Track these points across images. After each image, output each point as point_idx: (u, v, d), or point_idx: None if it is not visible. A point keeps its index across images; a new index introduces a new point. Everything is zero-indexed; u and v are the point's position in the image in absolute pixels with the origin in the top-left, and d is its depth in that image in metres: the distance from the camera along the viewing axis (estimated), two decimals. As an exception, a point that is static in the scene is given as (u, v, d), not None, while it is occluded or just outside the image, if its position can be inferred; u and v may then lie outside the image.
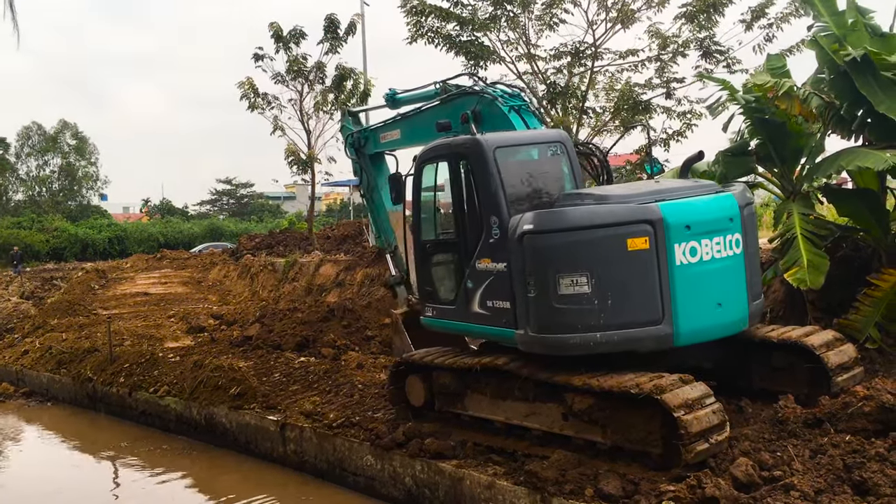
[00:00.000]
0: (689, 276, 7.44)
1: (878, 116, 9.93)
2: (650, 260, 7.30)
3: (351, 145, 12.96)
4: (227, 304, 23.78)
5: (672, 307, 7.34)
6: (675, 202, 7.60)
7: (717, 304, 7.67)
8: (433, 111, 10.80)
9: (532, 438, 8.16)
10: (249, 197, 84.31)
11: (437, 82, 11.35)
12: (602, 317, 7.30)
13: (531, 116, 9.70)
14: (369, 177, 12.89)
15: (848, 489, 6.23)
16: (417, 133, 11.48)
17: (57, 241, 55.45)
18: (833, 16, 10.77)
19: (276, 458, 10.87)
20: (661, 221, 7.31)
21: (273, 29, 27.20)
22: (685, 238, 7.41)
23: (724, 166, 11.36)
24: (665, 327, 7.35)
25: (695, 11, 18.79)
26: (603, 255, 7.32)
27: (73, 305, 23.14)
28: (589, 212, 7.46)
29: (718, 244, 7.67)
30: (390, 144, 12.19)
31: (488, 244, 8.16)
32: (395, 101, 12.69)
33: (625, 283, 7.31)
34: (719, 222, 7.75)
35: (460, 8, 19.46)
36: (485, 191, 8.22)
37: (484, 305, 8.29)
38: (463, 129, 9.80)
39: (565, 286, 7.36)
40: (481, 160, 8.26)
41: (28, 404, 16.65)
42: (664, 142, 20.49)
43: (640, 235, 7.28)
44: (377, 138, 12.40)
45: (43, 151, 72.38)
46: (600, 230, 7.34)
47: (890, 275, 9.65)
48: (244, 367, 13.03)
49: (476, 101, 9.87)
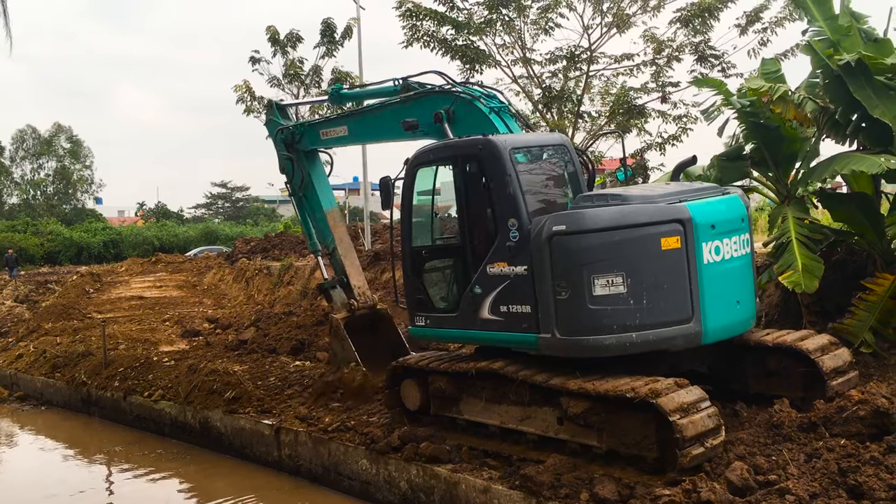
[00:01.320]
0: (715, 274, 7.55)
1: (872, 121, 9.95)
2: (682, 259, 7.38)
3: (282, 140, 12.43)
4: (222, 307, 23.73)
5: (700, 305, 7.42)
6: (700, 202, 7.71)
7: (736, 301, 7.82)
8: (394, 109, 10.41)
9: (527, 443, 8.15)
10: (245, 200, 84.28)
11: (397, 79, 10.91)
12: (638, 317, 7.31)
13: (511, 119, 9.47)
14: (303, 174, 12.37)
15: (843, 493, 6.24)
16: (370, 131, 11.13)
17: (52, 245, 55.34)
18: (827, 20, 10.80)
19: (271, 462, 10.85)
20: (691, 221, 7.39)
21: (270, 33, 27.24)
22: (711, 237, 7.54)
23: (720, 170, 11.38)
24: (695, 325, 7.44)
25: (690, 16, 18.84)
26: (638, 255, 7.34)
27: (67, 309, 23.05)
28: (622, 212, 7.45)
29: (736, 243, 7.85)
30: (334, 142, 11.74)
31: (505, 247, 7.98)
32: (340, 96, 12.25)
33: (659, 283, 7.35)
34: (735, 221, 7.94)
35: (456, 12, 19.49)
36: (501, 193, 8.03)
37: (497, 311, 8.13)
38: (431, 128, 9.58)
39: (601, 287, 7.32)
40: (497, 162, 8.08)
41: (22, 408, 16.59)
42: (660, 146, 20.53)
43: (672, 235, 7.35)
44: (316, 134, 11.93)
45: (37, 155, 72.25)
46: (635, 230, 7.36)
47: (885, 279, 9.67)
48: (239, 371, 13.01)
49: (451, 100, 9.55)
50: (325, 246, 12.68)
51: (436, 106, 9.61)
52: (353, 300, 12.30)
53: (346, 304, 12.32)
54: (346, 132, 11.45)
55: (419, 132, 9.86)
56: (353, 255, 12.74)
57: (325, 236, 12.58)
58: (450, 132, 9.32)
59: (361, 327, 12.22)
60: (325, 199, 12.57)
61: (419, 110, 9.88)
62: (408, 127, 9.69)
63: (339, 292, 12.52)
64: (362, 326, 12.25)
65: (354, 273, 12.57)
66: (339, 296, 12.50)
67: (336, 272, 12.65)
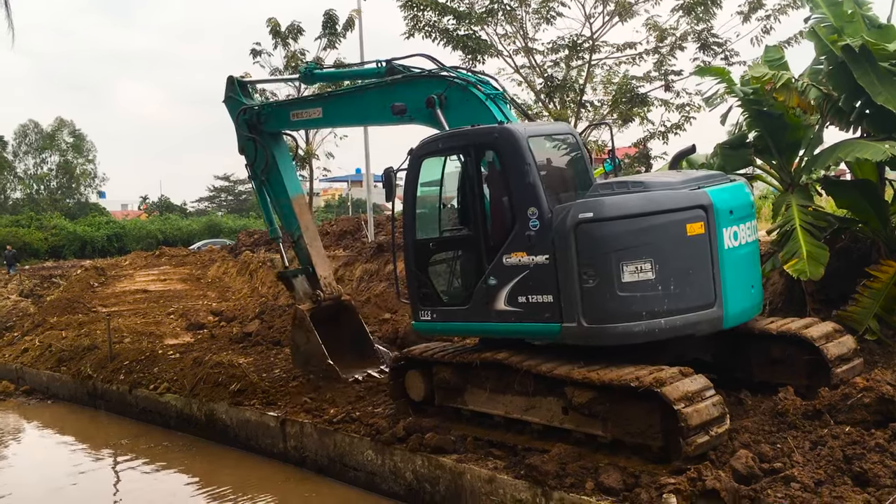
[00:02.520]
0: (734, 259, 7.64)
1: (876, 107, 9.91)
2: (706, 244, 7.44)
3: (244, 121, 11.88)
4: (226, 300, 23.77)
5: (722, 290, 7.49)
6: (717, 188, 7.77)
7: (751, 286, 7.95)
8: (379, 92, 10.09)
9: (532, 432, 8.16)
10: (248, 193, 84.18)
11: (380, 61, 10.61)
12: (666, 302, 7.35)
13: (507, 106, 9.33)
14: (267, 157, 11.85)
15: (848, 480, 6.25)
16: (350, 113, 10.77)
17: (55, 239, 55.41)
18: (831, 7, 10.74)
19: (277, 454, 10.88)
20: (712, 206, 7.45)
21: (271, 25, 27.17)
22: (730, 223, 7.63)
23: (723, 159, 11.35)
24: (717, 310, 7.51)
25: (692, 4, 18.75)
26: (666, 241, 7.37)
27: (72, 303, 23.12)
28: (648, 198, 7.46)
29: (749, 229, 7.96)
30: (305, 124, 11.27)
31: (524, 237, 7.86)
32: (313, 75, 11.80)
33: (685, 268, 7.41)
34: (747, 208, 8.05)
35: (457, 2, 19.43)
36: (520, 182, 7.92)
37: (514, 302, 8.04)
38: (420, 114, 9.38)
39: (629, 273, 7.32)
40: (516, 150, 7.97)
41: (28, 402, 16.65)
42: (663, 135, 20.49)
43: (697, 220, 7.40)
44: (286, 115, 11.48)
45: (40, 149, 72.36)
46: (663, 216, 7.39)
47: (889, 266, 9.65)
48: (244, 364, 13.04)
49: (444, 85, 9.32)
50: (289, 234, 12.28)
51: (427, 90, 9.36)
52: (318, 291, 11.99)
53: (310, 295, 12.01)
54: (321, 114, 11.05)
55: (406, 117, 9.64)
56: (318, 244, 12.42)
57: (289, 224, 12.16)
58: (442, 118, 9.16)
59: (326, 318, 12.00)
60: (291, 184, 12.14)
61: (409, 94, 9.63)
62: (396, 111, 9.44)
63: (301, 281, 12.16)
64: (327, 318, 12.03)
65: (320, 263, 12.26)
66: (301, 285, 12.16)
67: (301, 262, 12.30)
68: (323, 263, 12.40)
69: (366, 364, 11.94)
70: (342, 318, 12.38)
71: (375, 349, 12.30)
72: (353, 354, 12.14)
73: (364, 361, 12.03)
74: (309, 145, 27.74)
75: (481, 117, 8.83)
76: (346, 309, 12.47)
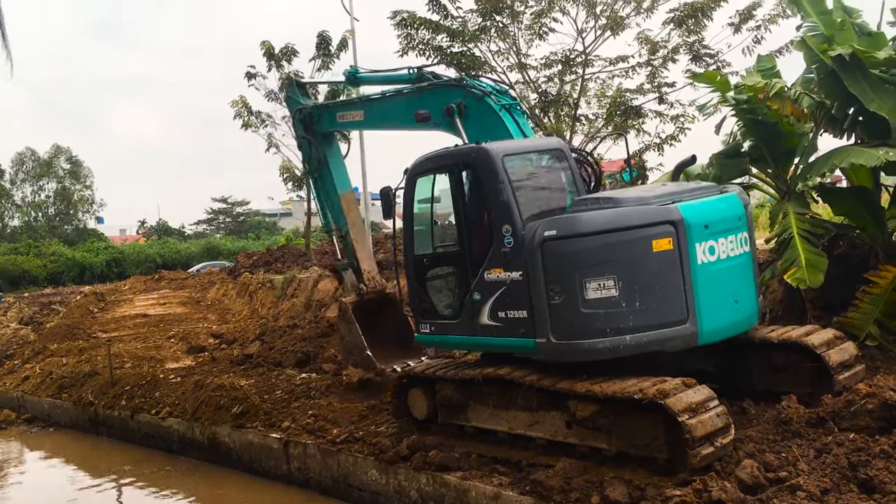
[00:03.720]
0: (710, 274, 7.55)
1: (868, 114, 9.97)
2: (674, 260, 7.38)
3: (300, 121, 12.43)
4: (226, 322, 23.73)
5: (696, 306, 7.42)
6: (692, 203, 7.71)
7: (734, 301, 7.81)
8: (407, 98, 10.40)
9: (536, 448, 8.14)
10: (246, 215, 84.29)
11: (412, 68, 10.92)
12: (631, 319, 7.33)
13: (522, 116, 9.50)
14: (319, 155, 12.37)
15: (854, 487, 6.23)
16: (384, 117, 11.11)
17: (54, 266, 55.33)
18: (821, 16, 10.82)
19: (281, 475, 10.84)
20: (682, 222, 7.40)
21: (265, 47, 27.28)
22: (704, 237, 7.54)
23: (719, 168, 11.40)
24: (690, 326, 7.43)
25: (683, 16, 18.85)
26: (629, 258, 7.36)
27: (72, 329, 23.07)
28: (613, 215, 7.48)
29: (732, 242, 7.84)
30: (350, 125, 11.74)
31: (500, 253, 8.05)
32: (356, 79, 12.24)
33: (651, 285, 7.37)
34: (731, 220, 7.93)
35: (450, 20, 19.55)
36: (495, 200, 8.11)
37: (495, 317, 8.18)
38: (443, 121, 9.58)
39: (592, 290, 7.35)
40: (490, 169, 8.14)
41: (30, 430, 16.60)
42: (658, 146, 20.53)
43: (664, 236, 7.36)
44: (334, 117, 11.93)
45: (38, 177, 72.33)
46: (626, 233, 7.38)
47: (888, 271, 9.67)
48: (246, 386, 13.01)
49: (463, 94, 9.53)
50: (338, 228, 12.69)
51: (448, 99, 9.60)
52: (362, 284, 12.35)
53: (355, 288, 12.34)
54: (362, 117, 11.49)
55: (430, 124, 9.88)
56: (364, 240, 12.88)
57: (338, 219, 12.60)
58: (461, 127, 9.37)
59: (370, 311, 12.29)
60: (340, 181, 12.58)
61: (432, 101, 9.91)
62: (420, 118, 9.69)
63: (350, 275, 12.55)
64: (371, 310, 12.32)
65: (365, 258, 12.64)
66: (350, 278, 12.53)
67: (347, 255, 12.67)
68: (367, 258, 12.80)
69: (407, 355, 12.06)
70: (386, 311, 12.59)
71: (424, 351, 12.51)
72: (395, 346, 12.29)
73: (405, 353, 12.15)
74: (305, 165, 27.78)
75: (495, 128, 9.05)
76: (391, 302, 12.65)
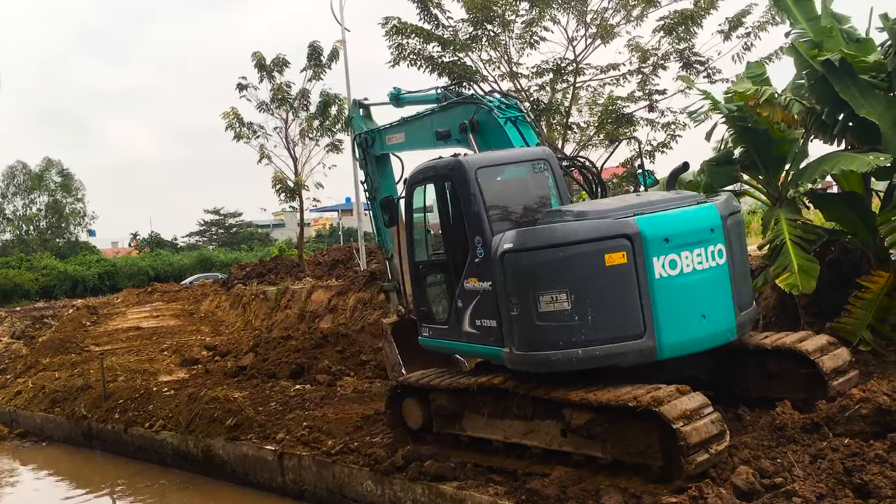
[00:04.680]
0: (670, 288, 7.46)
1: (858, 120, 10.01)
2: (629, 274, 7.34)
3: (359, 145, 12.77)
4: (220, 334, 23.67)
5: (654, 320, 7.37)
6: (652, 216, 7.62)
7: (700, 315, 7.67)
8: (433, 118, 10.75)
9: (532, 456, 8.12)
10: (238, 226, 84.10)
11: (439, 88, 11.32)
12: (583, 332, 7.35)
13: (528, 128, 9.64)
14: (373, 179, 12.70)
15: (849, 493, 6.23)
16: (418, 138, 11.38)
17: (46, 280, 55.08)
18: (810, 22, 10.87)
19: (276, 488, 10.79)
20: (639, 235, 7.36)
21: (256, 59, 27.29)
22: (664, 251, 7.44)
23: (710, 176, 11.42)
24: (647, 341, 7.39)
25: (673, 24, 18.96)
26: (581, 272, 7.38)
27: (64, 343, 22.96)
28: (566, 229, 7.51)
29: (700, 255, 7.66)
30: (396, 147, 11.99)
31: (474, 264, 8.26)
32: (399, 99, 12.52)
33: (604, 299, 7.35)
34: (699, 233, 7.74)
35: (441, 29, 19.60)
36: (468, 211, 8.32)
37: (474, 324, 8.38)
38: (461, 138, 9.88)
39: (545, 303, 7.43)
40: (464, 181, 8.36)
41: (23, 445, 16.49)
42: (649, 154, 20.61)
43: (617, 250, 7.32)
44: (384, 140, 12.22)
45: (29, 190, 72.06)
46: (578, 246, 7.38)
47: (879, 276, 9.70)
48: (239, 398, 12.96)
49: (474, 109, 9.82)
50: (385, 251, 12.97)
51: (462, 116, 9.90)
52: (400, 307, 12.56)
53: (396, 309, 12.61)
54: (403, 138, 11.74)
55: (452, 140, 10.16)
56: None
57: (386, 242, 12.87)
58: (473, 142, 9.62)
59: (410, 331, 12.43)
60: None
61: (451, 120, 10.20)
62: (441, 136, 10.02)
63: (394, 296, 12.83)
64: (411, 331, 12.46)
65: (409, 282, 12.75)
66: (394, 299, 12.82)
67: (392, 277, 12.92)
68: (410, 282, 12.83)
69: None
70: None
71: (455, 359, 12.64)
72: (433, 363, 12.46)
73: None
74: (298, 176, 27.75)
75: (501, 139, 9.28)
76: None
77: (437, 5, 19.38)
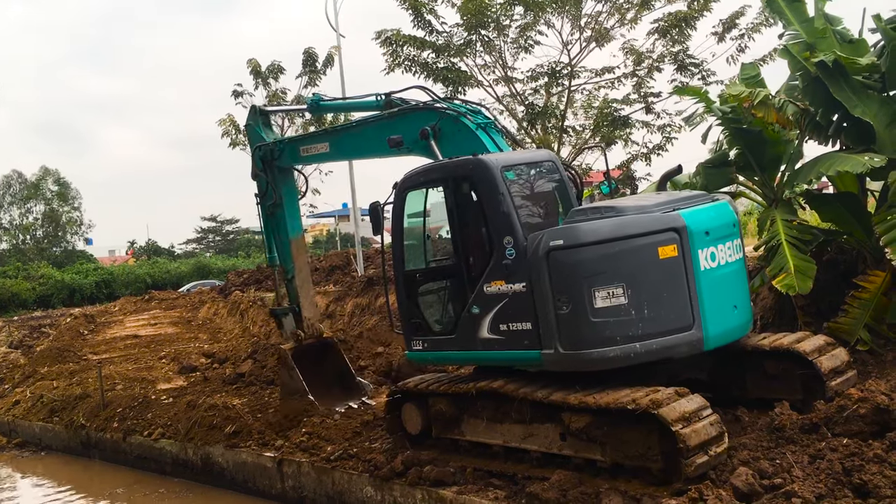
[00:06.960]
0: (712, 280, 7.61)
1: (853, 120, 10.05)
2: (679, 267, 7.43)
3: (259, 157, 11.94)
4: (218, 341, 23.62)
5: (700, 312, 7.47)
6: (692, 210, 7.77)
7: (733, 306, 7.88)
8: (378, 125, 10.29)
9: (531, 460, 8.12)
10: (235, 233, 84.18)
11: (379, 94, 10.81)
12: (640, 327, 7.34)
13: (498, 135, 9.48)
14: (276, 193, 11.99)
15: (849, 492, 6.24)
16: (353, 147, 10.97)
17: (43, 289, 54.96)
18: (803, 23, 10.92)
19: (275, 495, 10.77)
20: (685, 228, 7.46)
21: (251, 65, 27.36)
22: (706, 244, 7.61)
23: (706, 178, 11.45)
24: (696, 332, 7.48)
25: (667, 26, 19.02)
26: (637, 265, 7.38)
27: (62, 352, 22.88)
28: (618, 223, 7.48)
29: (729, 248, 7.93)
30: (314, 158, 11.46)
31: (501, 266, 7.99)
32: (318, 107, 12.02)
33: (658, 292, 7.40)
34: (727, 227, 8.01)
35: (435, 35, 19.62)
36: (495, 212, 8.06)
37: (496, 330, 8.13)
38: (416, 145, 9.53)
39: (601, 299, 7.34)
40: (489, 181, 8.13)
41: (21, 455, 16.44)
42: (645, 156, 20.66)
43: (669, 243, 7.40)
44: (296, 151, 11.59)
45: (25, 199, 72.00)
46: (633, 240, 7.40)
47: (876, 276, 9.73)
48: (238, 405, 12.94)
49: (436, 117, 9.47)
50: (285, 271, 12.56)
51: (421, 122, 9.52)
52: (300, 331, 12.36)
53: (294, 334, 12.35)
54: (328, 149, 11.22)
55: (403, 149, 9.81)
56: (308, 287, 12.72)
57: (285, 262, 12.43)
58: (436, 149, 9.29)
59: (310, 357, 12.40)
60: (293, 224, 12.38)
61: (404, 126, 9.80)
62: (393, 144, 9.64)
63: (289, 320, 12.50)
64: (311, 356, 12.42)
65: (307, 305, 12.59)
66: (289, 324, 12.49)
67: (290, 300, 12.59)
68: (309, 306, 12.71)
69: (350, 397, 12.32)
70: (328, 356, 12.75)
71: (357, 381, 12.75)
72: (338, 389, 12.55)
73: (349, 394, 12.42)
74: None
75: (473, 146, 8.96)
76: (331, 347, 12.87)
77: (431, 11, 19.41)
